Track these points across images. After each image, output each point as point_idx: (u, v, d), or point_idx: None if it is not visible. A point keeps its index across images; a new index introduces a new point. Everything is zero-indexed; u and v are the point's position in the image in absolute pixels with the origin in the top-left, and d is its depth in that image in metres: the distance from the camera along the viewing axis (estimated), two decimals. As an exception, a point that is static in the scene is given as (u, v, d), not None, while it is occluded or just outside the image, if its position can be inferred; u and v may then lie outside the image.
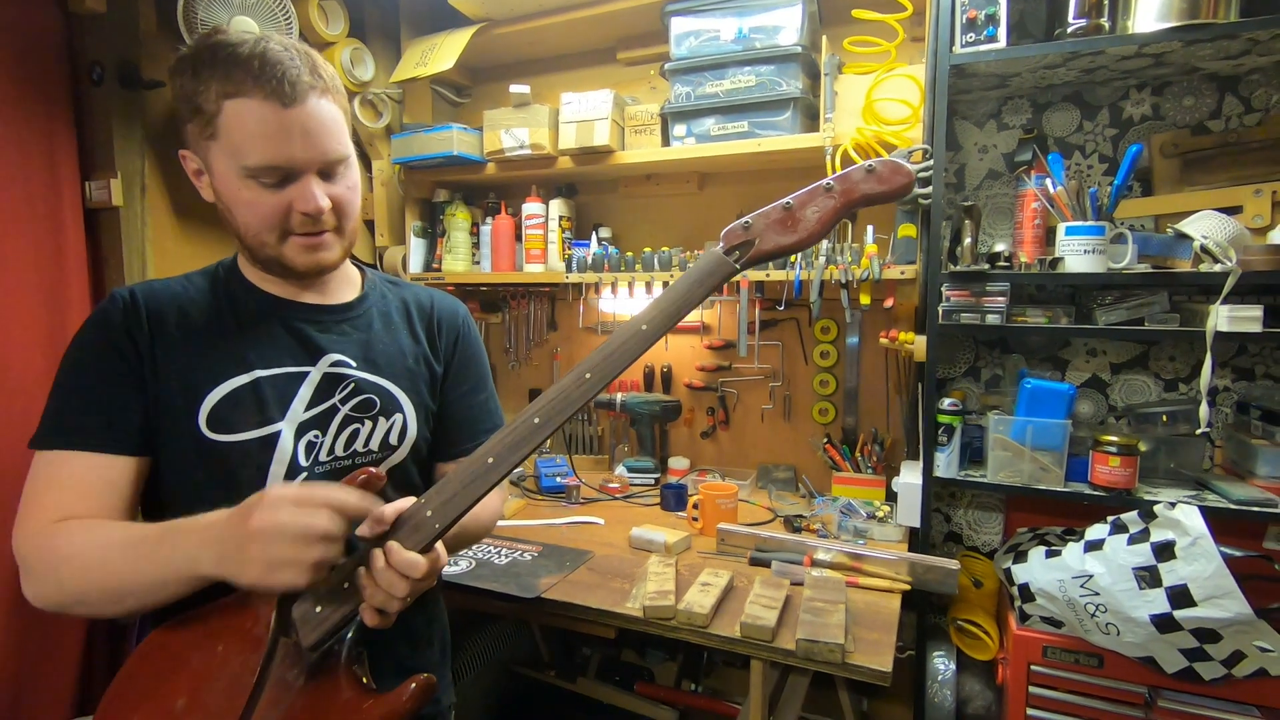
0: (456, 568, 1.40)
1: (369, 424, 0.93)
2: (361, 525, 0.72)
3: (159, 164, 1.97)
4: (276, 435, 0.86)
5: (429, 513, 0.72)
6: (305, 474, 0.88)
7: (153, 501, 0.88)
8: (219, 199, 0.86)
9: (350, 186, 0.88)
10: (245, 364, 0.87)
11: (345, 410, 0.91)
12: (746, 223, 0.75)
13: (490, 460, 0.72)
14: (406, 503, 0.74)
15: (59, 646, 1.82)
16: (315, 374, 0.90)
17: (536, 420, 0.73)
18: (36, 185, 1.77)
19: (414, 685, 0.71)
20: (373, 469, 0.73)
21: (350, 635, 0.74)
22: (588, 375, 0.74)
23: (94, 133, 1.88)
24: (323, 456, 0.89)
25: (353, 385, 0.92)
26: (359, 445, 0.92)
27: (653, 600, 1.21)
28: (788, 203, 0.75)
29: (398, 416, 0.95)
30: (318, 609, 0.73)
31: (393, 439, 0.94)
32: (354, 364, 0.93)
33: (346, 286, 0.99)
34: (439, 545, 0.75)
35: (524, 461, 0.74)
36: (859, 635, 1.14)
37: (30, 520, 0.79)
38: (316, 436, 0.89)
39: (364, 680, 0.74)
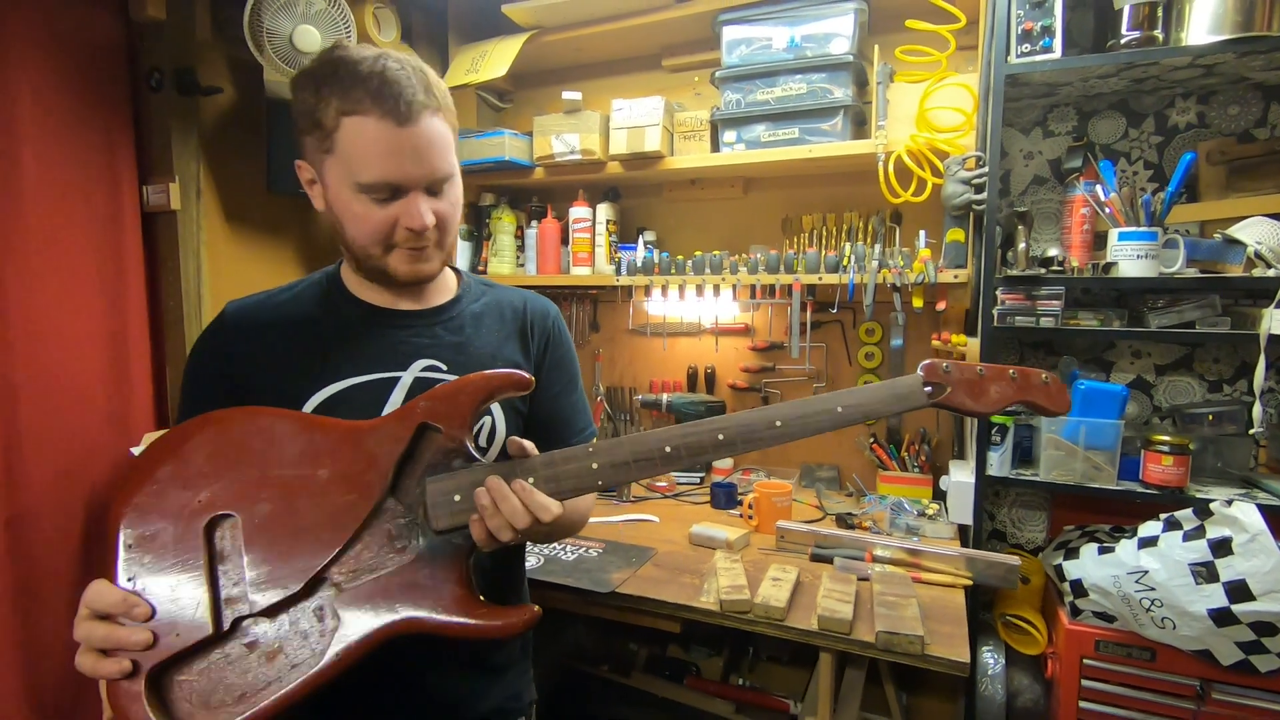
0: (527, 563, 1.43)
1: None
2: (510, 447, 0.79)
3: (213, 169, 2.00)
4: None
5: (595, 465, 0.75)
6: None
7: None
8: (329, 209, 0.89)
9: (453, 202, 0.91)
10: (341, 372, 0.90)
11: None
12: (947, 369, 0.81)
13: (668, 449, 0.75)
14: (531, 446, 0.79)
15: (118, 642, 1.86)
16: (407, 378, 0.93)
17: (720, 437, 0.77)
18: (98, 189, 1.81)
19: (530, 612, 0.74)
20: (527, 374, 0.80)
21: (466, 517, 0.75)
22: (778, 423, 0.78)
23: (152, 138, 1.91)
24: None
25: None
26: None
27: (728, 594, 1.25)
28: (981, 370, 0.82)
29: (486, 419, 0.97)
30: (456, 498, 0.75)
31: (481, 440, 0.97)
32: (445, 367, 0.95)
33: (442, 290, 1.01)
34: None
35: (695, 467, 0.78)
36: (932, 628, 1.18)
37: None
38: None
39: (474, 587, 0.76)
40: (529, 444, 0.80)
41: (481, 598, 0.75)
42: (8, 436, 1.62)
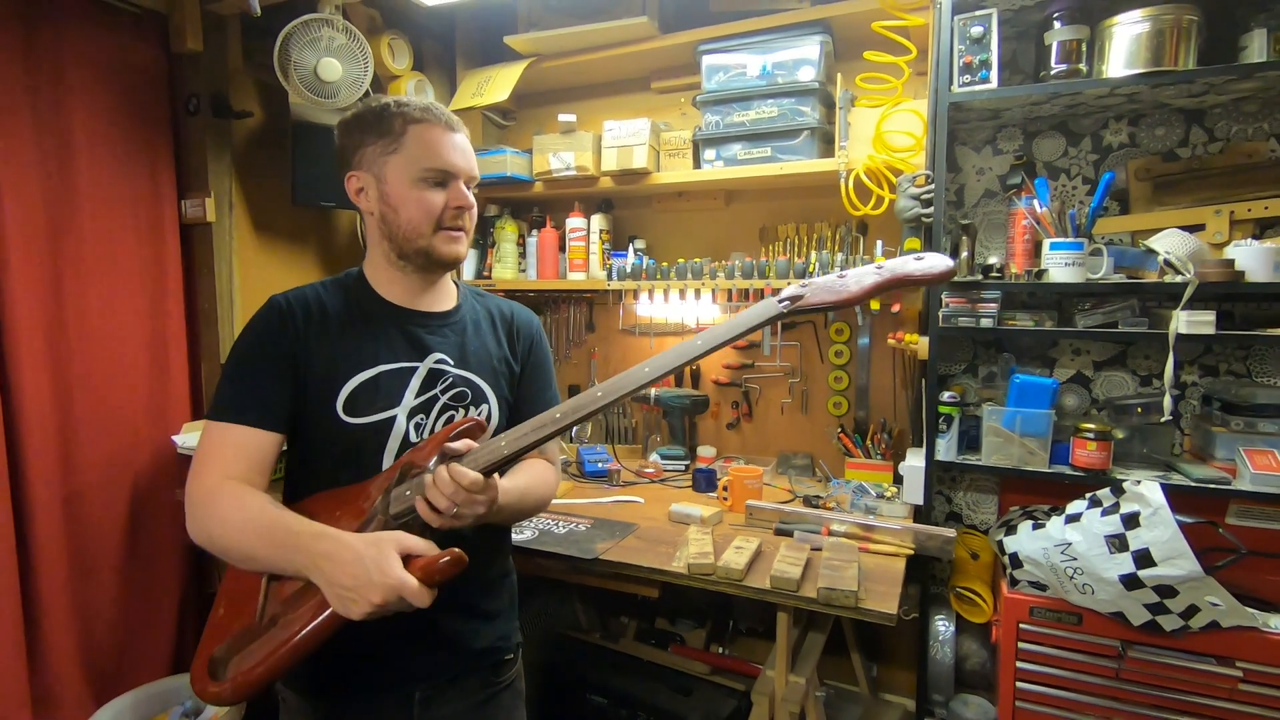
0: (523, 535, 1.63)
1: (462, 411, 1.15)
2: (455, 443, 0.97)
3: (243, 184, 2.22)
4: (393, 419, 1.08)
5: (503, 443, 0.94)
6: (412, 449, 1.09)
7: (295, 466, 1.11)
8: (384, 204, 1.08)
9: (475, 202, 1.14)
10: (373, 359, 1.09)
11: (444, 399, 1.13)
12: (805, 284, 0.92)
13: (558, 415, 0.93)
14: (473, 443, 1.00)
15: (158, 611, 2.08)
16: (423, 369, 1.12)
17: (600, 394, 0.92)
18: (142, 202, 2.02)
19: (447, 557, 0.87)
20: (477, 418, 1.03)
21: (419, 523, 0.95)
22: (647, 370, 0.92)
23: (189, 156, 2.13)
24: (425, 435, 1.11)
25: (451, 379, 1.14)
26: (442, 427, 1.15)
27: (695, 559, 1.44)
28: (842, 273, 0.92)
29: (485, 406, 1.17)
30: (406, 493, 0.97)
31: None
32: (451, 362, 1.15)
33: (446, 298, 1.21)
34: (495, 478, 0.96)
35: (582, 423, 0.96)
36: (870, 588, 1.37)
37: (202, 475, 1.00)
38: (422, 420, 1.11)
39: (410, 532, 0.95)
40: (467, 441, 1.00)
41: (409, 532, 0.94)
42: (65, 424, 1.84)
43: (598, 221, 2.27)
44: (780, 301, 0.91)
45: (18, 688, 1.70)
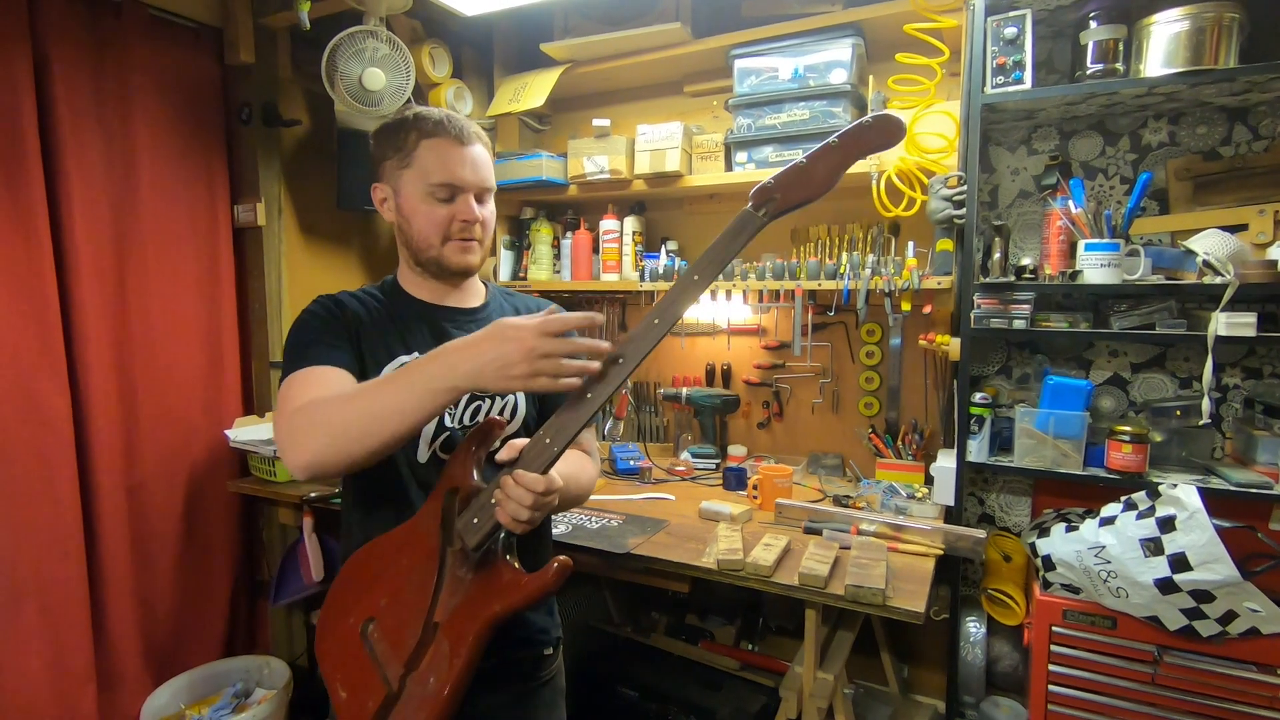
0: (557, 529, 1.68)
1: (488, 401, 1.19)
2: (500, 452, 1.01)
3: (291, 190, 2.32)
4: None
5: (547, 440, 0.95)
6: (448, 433, 1.15)
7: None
8: (399, 215, 1.14)
9: (490, 213, 1.18)
10: (406, 347, 1.15)
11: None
12: (769, 183, 0.88)
13: (588, 395, 0.93)
14: (521, 443, 1.01)
15: (211, 598, 2.18)
16: None
17: (620, 360, 0.90)
18: (198, 208, 2.13)
19: (555, 565, 0.94)
20: (497, 417, 1.08)
21: (502, 537, 0.99)
22: (656, 321, 0.89)
23: (241, 164, 2.24)
24: (455, 423, 1.16)
25: None
26: (480, 417, 1.19)
27: (725, 555, 1.47)
28: (801, 162, 0.88)
29: (510, 397, 1.21)
30: (474, 520, 0.99)
31: (505, 414, 1.21)
32: None
33: (475, 295, 1.27)
34: (554, 471, 0.98)
35: (613, 396, 0.93)
36: (898, 586, 1.38)
37: (287, 406, 1.00)
38: (452, 407, 1.16)
39: (516, 565, 1.00)
40: (514, 444, 1.03)
41: (518, 565, 0.99)
42: (128, 419, 1.95)
43: (631, 223, 2.31)
44: (757, 209, 0.89)
45: (84, 666, 1.81)
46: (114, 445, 1.89)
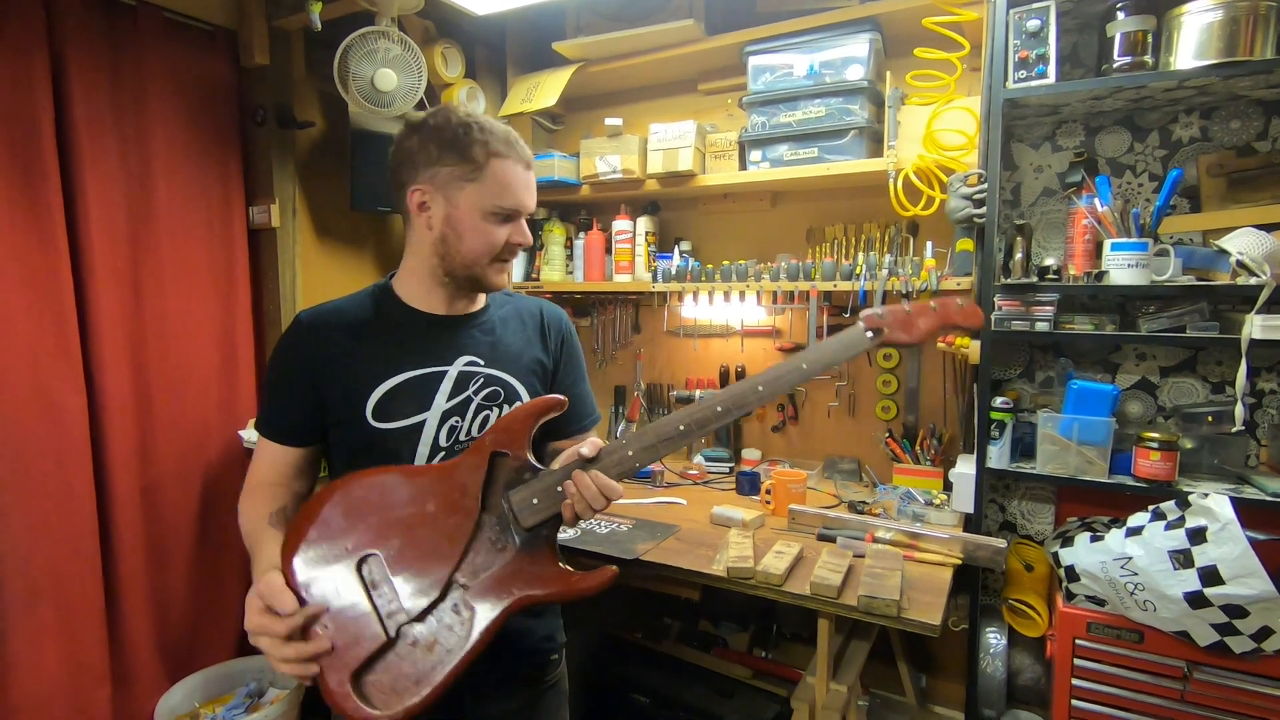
0: (565, 534, 1.66)
1: (496, 410, 1.16)
2: (583, 447, 0.99)
3: (305, 191, 2.32)
4: (423, 423, 1.11)
5: (630, 453, 0.97)
6: (444, 453, 1.12)
7: (339, 470, 1.12)
8: (447, 226, 1.08)
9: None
10: (399, 366, 1.11)
11: (478, 400, 1.15)
12: (881, 314, 1.02)
13: (681, 428, 0.97)
14: (600, 443, 1.01)
15: (225, 597, 2.19)
16: (453, 371, 1.14)
17: (719, 409, 0.98)
18: (214, 210, 2.13)
19: (609, 571, 0.99)
20: (559, 396, 1.06)
21: (559, 526, 0.99)
22: (760, 388, 0.99)
23: (256, 165, 2.24)
24: (462, 437, 1.13)
25: (483, 379, 1.15)
26: (473, 432, 1.16)
27: (735, 563, 1.44)
28: (907, 309, 1.03)
29: (518, 404, 1.17)
30: (534, 501, 0.97)
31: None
32: (482, 362, 1.16)
33: (475, 300, 1.22)
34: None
35: (706, 436, 1.00)
36: (913, 597, 1.34)
37: (248, 476, 1.14)
38: (457, 421, 1.13)
39: (561, 559, 1.00)
40: (595, 442, 1.02)
41: (563, 562, 0.99)
42: (144, 419, 1.96)
43: (644, 224, 2.29)
44: (867, 332, 1.02)
45: (99, 665, 1.82)
46: (129, 445, 1.90)
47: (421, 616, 0.93)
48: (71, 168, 1.77)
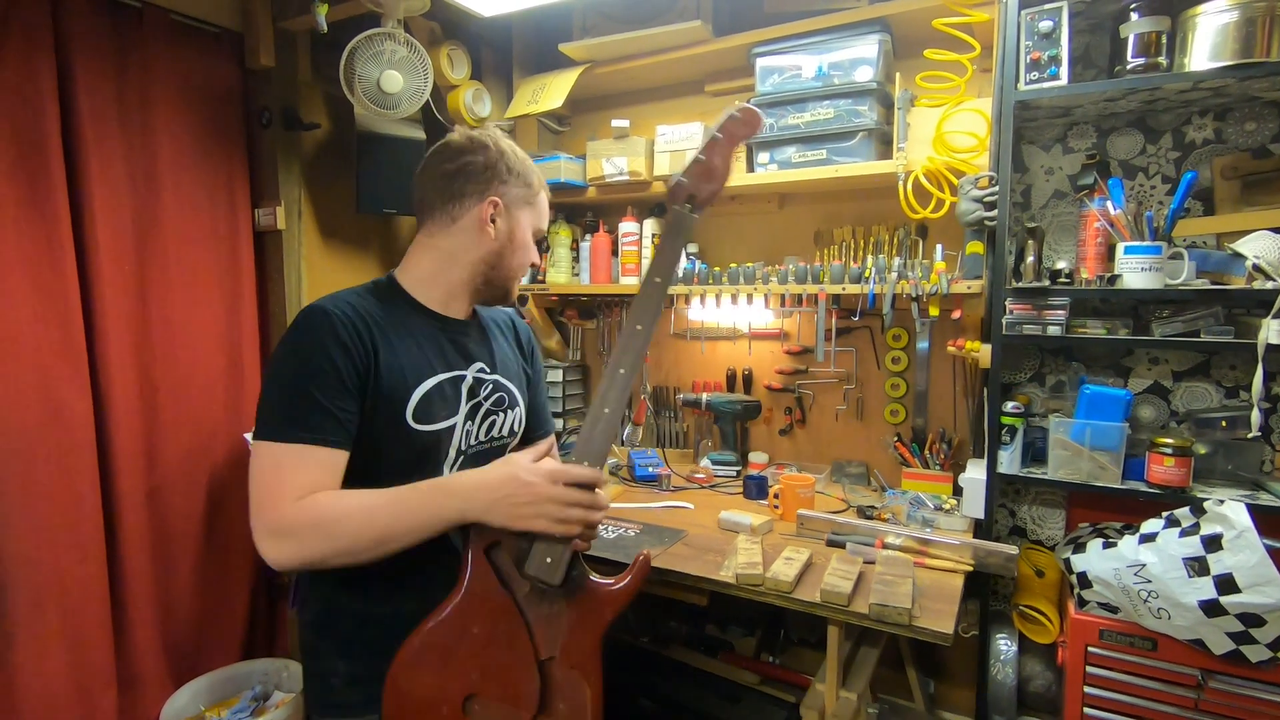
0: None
1: (501, 415, 1.19)
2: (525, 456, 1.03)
3: (311, 193, 2.31)
4: (454, 427, 1.11)
5: (589, 433, 1.01)
6: (462, 456, 1.13)
7: (365, 475, 1.03)
8: (509, 240, 1.14)
9: None
10: (433, 368, 1.10)
11: (486, 405, 1.16)
12: (682, 180, 1.05)
13: (607, 411, 1.00)
14: (542, 447, 1.08)
15: (231, 600, 2.18)
16: (469, 376, 1.14)
17: (622, 371, 1.01)
18: (220, 212, 2.13)
19: (641, 558, 1.04)
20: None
21: (570, 548, 1.02)
22: (639, 327, 1.02)
23: (261, 167, 2.23)
24: (472, 441, 1.14)
25: (490, 385, 1.17)
26: (495, 433, 1.19)
27: (744, 569, 1.42)
28: (700, 157, 1.04)
29: (517, 409, 1.22)
30: (548, 560, 0.99)
31: (516, 427, 1.22)
32: (488, 369, 1.18)
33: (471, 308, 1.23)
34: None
35: (623, 405, 1.04)
36: (925, 605, 1.32)
37: (286, 496, 0.95)
38: (470, 426, 1.14)
39: (595, 577, 1.04)
40: (537, 448, 1.08)
41: (599, 578, 1.04)
42: (150, 422, 1.95)
43: (650, 226, 2.27)
44: (686, 207, 1.05)
45: (105, 668, 1.82)
46: (135, 448, 1.90)
47: (544, 706, 1.02)
48: (77, 170, 1.77)
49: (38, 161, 1.68)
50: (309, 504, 0.95)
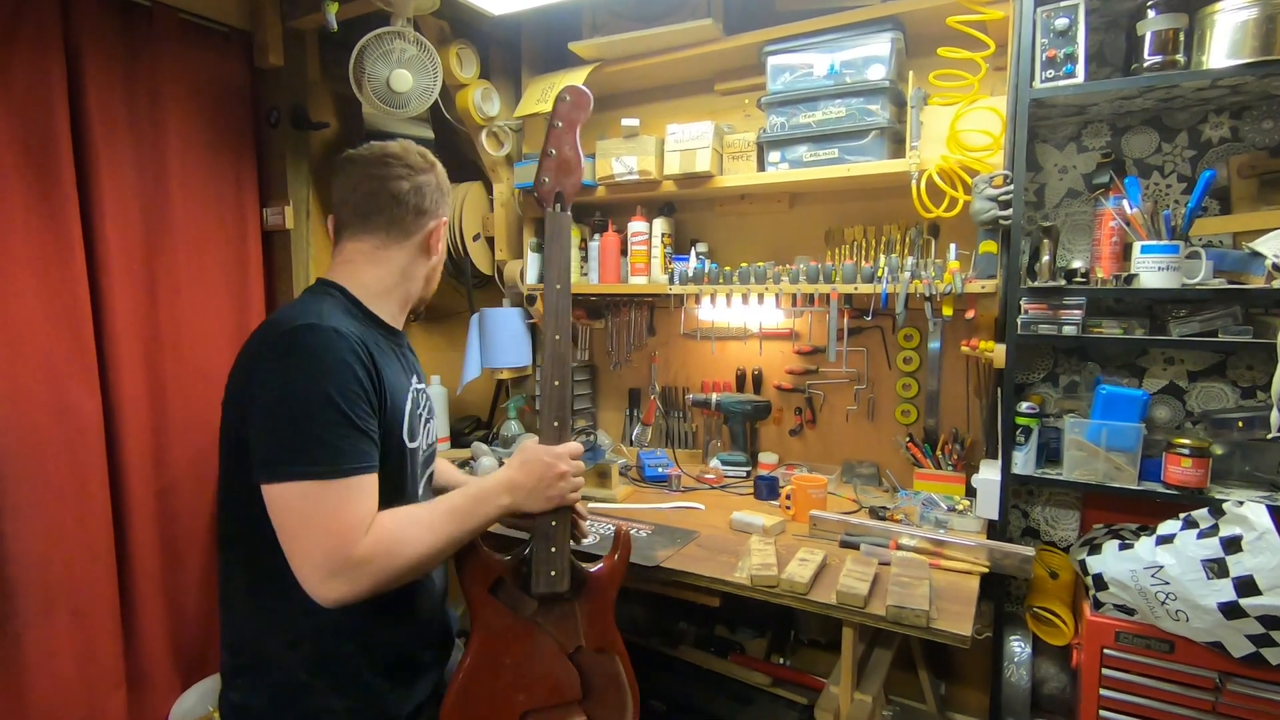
0: (587, 540, 1.63)
1: (432, 423, 1.23)
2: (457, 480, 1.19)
3: (319, 192, 2.31)
4: (433, 441, 1.22)
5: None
6: (422, 468, 1.19)
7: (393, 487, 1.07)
8: (439, 256, 1.21)
9: None
10: (408, 383, 1.14)
11: (424, 415, 1.20)
12: (545, 180, 1.11)
13: (555, 424, 1.14)
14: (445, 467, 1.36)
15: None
16: (413, 388, 1.15)
17: (556, 383, 1.13)
18: (228, 211, 2.13)
19: (622, 533, 1.26)
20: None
21: (566, 555, 1.16)
22: (557, 336, 1.12)
23: (270, 167, 2.23)
24: (423, 452, 1.19)
25: (425, 395, 1.21)
26: (430, 439, 1.23)
27: (758, 571, 1.41)
28: (550, 152, 1.11)
29: (437, 418, 1.29)
30: (551, 573, 1.12)
31: (440, 434, 1.26)
32: (419, 380, 1.22)
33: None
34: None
35: (568, 411, 1.16)
36: (942, 607, 1.31)
37: (358, 531, 0.93)
38: (421, 438, 1.17)
39: (589, 566, 1.20)
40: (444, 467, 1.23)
41: (590, 565, 1.21)
42: (158, 422, 1.95)
43: (660, 225, 2.26)
44: (555, 206, 1.12)
45: (114, 668, 1.81)
46: (144, 448, 1.89)
47: (588, 689, 1.19)
48: (87, 169, 1.76)
49: (48, 160, 1.67)
50: (375, 534, 0.95)
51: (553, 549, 1.13)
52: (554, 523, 1.14)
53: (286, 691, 1.04)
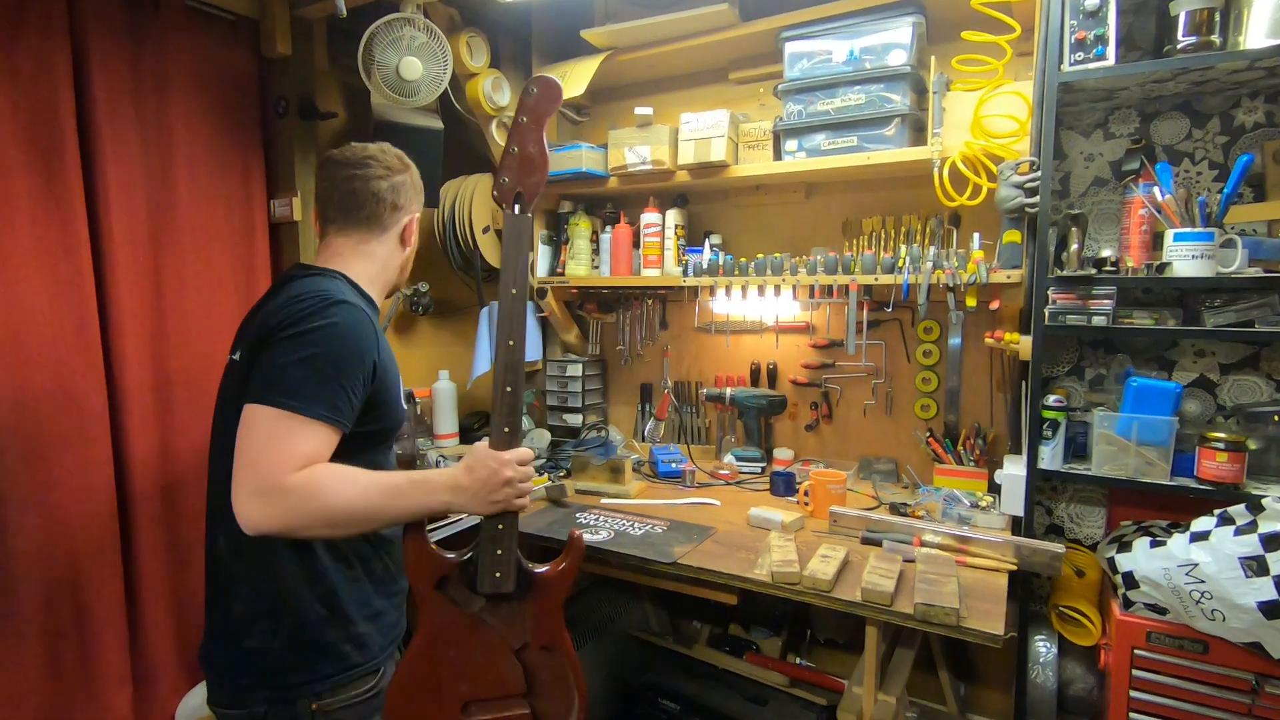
0: (598, 536, 1.60)
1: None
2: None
3: (328, 184, 2.26)
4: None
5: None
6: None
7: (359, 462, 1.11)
8: (411, 247, 1.30)
9: None
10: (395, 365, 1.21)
11: None
12: (504, 180, 1.07)
13: (506, 430, 1.12)
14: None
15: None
16: None
17: (509, 389, 1.11)
18: (235, 202, 2.09)
19: (573, 537, 1.21)
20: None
21: (512, 557, 1.15)
22: (511, 342, 1.10)
23: (278, 158, 2.19)
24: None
25: None
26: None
27: (780, 568, 1.37)
28: (513, 149, 1.06)
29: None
30: (497, 574, 1.13)
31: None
32: None
33: None
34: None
35: (519, 416, 1.15)
36: (971, 605, 1.27)
37: (289, 462, 0.98)
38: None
39: (537, 568, 1.18)
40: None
41: (539, 567, 1.19)
42: (164, 416, 1.91)
43: (673, 216, 2.22)
44: (515, 209, 1.09)
45: (120, 666, 1.78)
46: (150, 442, 1.86)
47: (531, 685, 1.19)
48: (93, 159, 1.73)
49: (53, 151, 1.64)
50: (308, 471, 1.00)
51: (498, 551, 1.13)
52: (500, 526, 1.12)
53: (305, 629, 1.11)
